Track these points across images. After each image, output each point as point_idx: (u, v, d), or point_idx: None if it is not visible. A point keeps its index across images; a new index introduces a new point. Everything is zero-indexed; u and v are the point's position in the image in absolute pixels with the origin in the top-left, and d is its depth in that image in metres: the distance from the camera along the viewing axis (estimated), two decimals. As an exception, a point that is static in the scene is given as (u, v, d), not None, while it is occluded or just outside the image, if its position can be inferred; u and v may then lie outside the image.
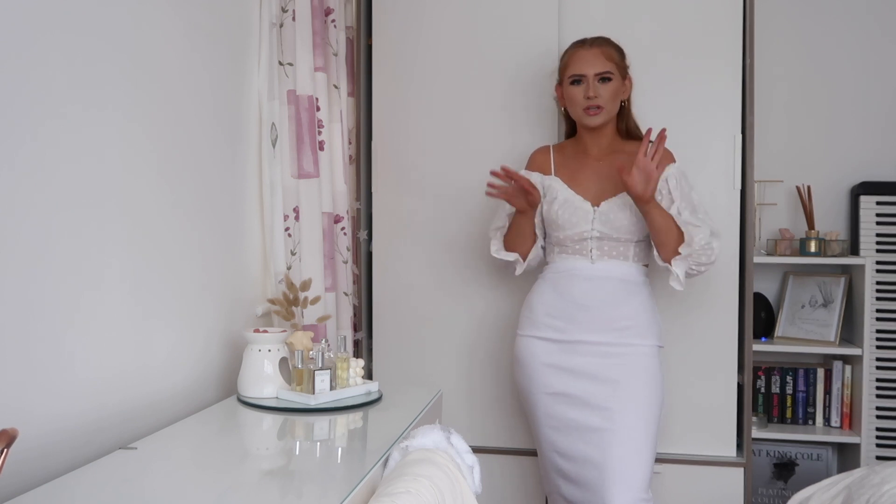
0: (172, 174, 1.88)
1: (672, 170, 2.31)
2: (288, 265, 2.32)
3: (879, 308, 2.99)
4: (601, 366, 2.27)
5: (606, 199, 2.33)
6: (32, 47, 1.41)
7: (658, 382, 2.29)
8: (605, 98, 2.31)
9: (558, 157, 2.45)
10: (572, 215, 2.33)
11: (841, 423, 3.05)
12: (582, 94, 2.32)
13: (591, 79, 2.31)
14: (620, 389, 2.24)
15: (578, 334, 2.30)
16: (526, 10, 2.73)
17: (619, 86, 2.34)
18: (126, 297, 1.70)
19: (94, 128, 1.58)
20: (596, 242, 2.32)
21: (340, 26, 2.62)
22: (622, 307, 2.30)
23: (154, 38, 1.79)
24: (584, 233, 2.32)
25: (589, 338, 2.29)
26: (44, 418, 1.46)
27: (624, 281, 2.31)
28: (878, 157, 3.20)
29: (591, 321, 2.29)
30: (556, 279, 2.37)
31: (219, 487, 1.39)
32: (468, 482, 1.53)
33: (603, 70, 2.31)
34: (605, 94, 2.31)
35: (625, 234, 2.31)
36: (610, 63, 2.32)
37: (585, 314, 2.30)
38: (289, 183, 2.33)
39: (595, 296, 2.31)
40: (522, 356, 2.38)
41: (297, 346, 2.04)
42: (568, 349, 2.31)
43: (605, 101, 2.31)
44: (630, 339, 2.28)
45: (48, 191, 1.46)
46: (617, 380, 2.25)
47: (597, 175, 2.37)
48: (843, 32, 3.21)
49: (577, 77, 2.33)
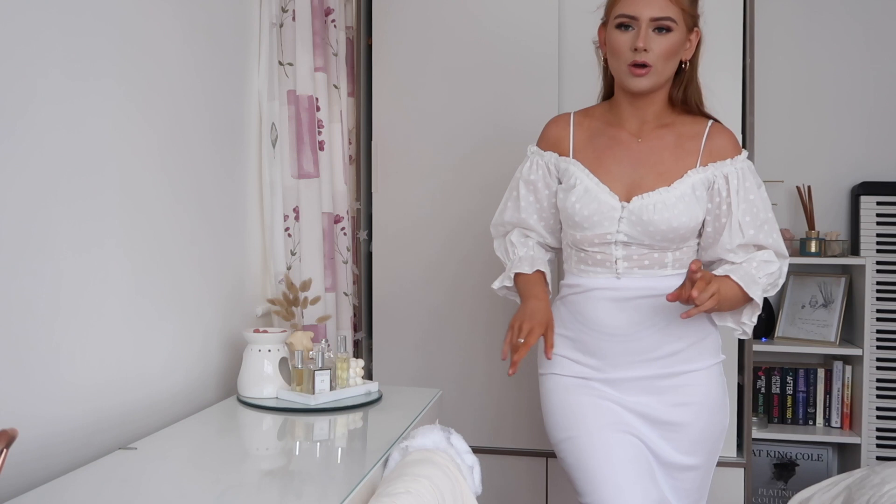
0: (172, 174, 1.87)
1: (732, 166, 1.79)
2: (288, 265, 2.32)
3: (880, 308, 2.98)
4: (655, 407, 1.80)
5: (640, 194, 1.79)
6: (31, 46, 1.41)
7: (726, 408, 1.88)
8: (657, 54, 1.74)
9: (580, 131, 1.89)
10: (593, 212, 1.79)
11: (841, 424, 3.05)
12: (628, 44, 1.75)
13: (644, 24, 1.74)
14: (689, 434, 1.80)
15: (615, 371, 1.81)
16: (526, 9, 2.72)
17: (681, 40, 1.77)
18: (126, 297, 1.69)
19: (93, 126, 1.58)
20: (622, 250, 1.79)
21: (340, 26, 2.62)
22: (664, 328, 1.79)
23: (154, 38, 1.79)
24: (606, 236, 1.79)
25: (629, 373, 1.81)
26: (43, 418, 1.46)
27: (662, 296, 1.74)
28: (878, 157, 3.20)
29: (630, 353, 1.80)
30: (574, 302, 1.86)
31: (219, 488, 1.39)
32: (468, 482, 1.53)
33: (662, 15, 1.73)
34: (658, 49, 1.74)
35: (660, 242, 1.78)
36: (674, 7, 1.74)
37: (620, 346, 1.80)
38: (289, 183, 2.33)
39: (628, 322, 1.80)
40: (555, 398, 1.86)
41: (297, 347, 2.03)
42: (608, 390, 1.82)
43: (658, 57, 1.74)
44: (681, 366, 1.80)
45: (48, 191, 1.46)
46: (680, 423, 1.80)
47: (632, 159, 1.82)
48: (844, 33, 3.21)
49: (627, 20, 1.76)
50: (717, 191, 1.79)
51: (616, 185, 1.81)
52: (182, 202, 1.92)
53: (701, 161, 1.80)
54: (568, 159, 1.87)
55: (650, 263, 1.80)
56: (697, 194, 1.78)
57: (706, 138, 1.82)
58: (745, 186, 1.78)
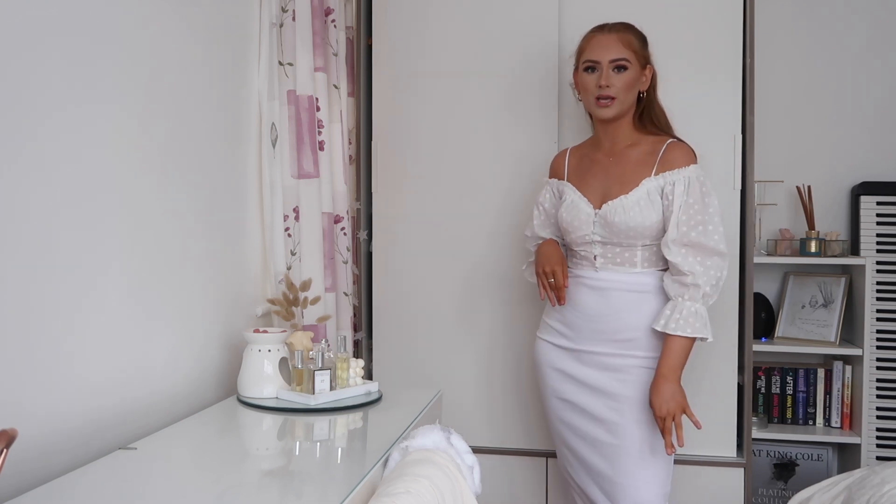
0: (173, 174, 1.88)
1: (680, 174, 2.14)
2: (288, 265, 2.32)
3: (880, 308, 2.98)
4: (604, 378, 2.19)
5: (608, 201, 2.18)
6: (33, 49, 1.41)
7: None
8: (618, 88, 2.16)
9: (573, 159, 2.34)
10: (574, 218, 2.21)
11: (841, 424, 3.05)
12: (594, 83, 2.18)
13: (605, 66, 2.16)
14: (623, 404, 2.16)
15: (584, 344, 2.22)
16: (526, 9, 2.73)
17: (635, 76, 2.18)
18: (126, 298, 1.70)
19: (94, 128, 1.58)
20: (599, 248, 2.20)
21: (340, 26, 2.62)
22: (625, 318, 2.17)
23: (154, 39, 1.79)
24: (585, 236, 2.20)
25: (593, 348, 2.21)
26: (43, 418, 1.46)
27: (631, 291, 2.17)
28: (878, 157, 3.20)
29: (596, 332, 2.20)
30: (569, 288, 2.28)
31: (219, 488, 1.39)
32: (468, 482, 1.53)
33: (618, 57, 2.16)
34: (618, 84, 2.16)
35: (626, 240, 2.16)
36: (627, 50, 2.17)
37: (590, 325, 2.21)
38: (289, 183, 2.33)
39: (599, 306, 2.20)
40: (536, 358, 2.35)
41: (297, 347, 2.04)
42: (575, 357, 2.24)
43: (619, 91, 2.16)
44: (632, 351, 2.16)
45: (48, 192, 1.46)
46: (619, 394, 2.17)
47: (604, 174, 2.23)
48: (843, 32, 3.21)
49: (591, 64, 2.19)
50: (665, 195, 2.14)
51: (592, 195, 2.24)
52: (182, 202, 1.92)
53: (655, 171, 2.16)
54: (564, 182, 2.33)
55: (622, 261, 2.19)
56: (651, 199, 2.14)
57: (663, 153, 2.18)
58: (689, 192, 2.11)
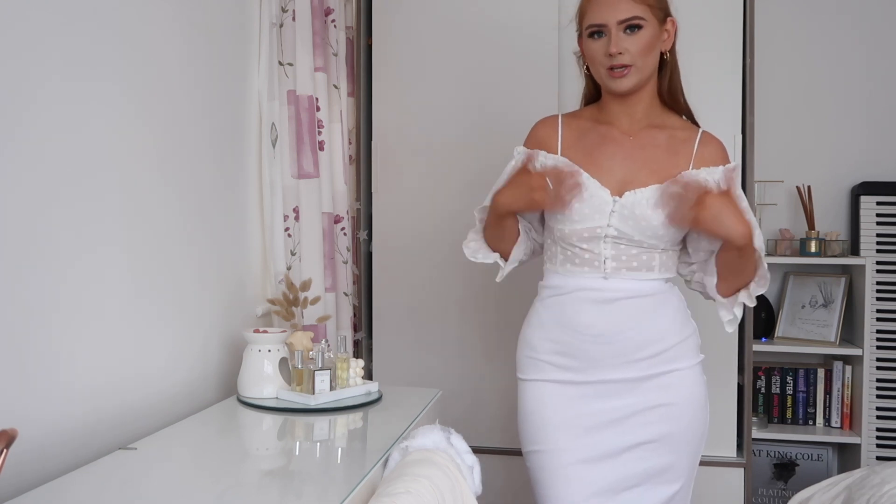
0: (172, 174, 1.87)
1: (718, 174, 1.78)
2: (288, 265, 2.32)
3: (880, 308, 2.98)
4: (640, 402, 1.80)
5: (633, 189, 1.77)
6: (32, 48, 1.41)
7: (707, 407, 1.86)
8: (633, 53, 1.74)
9: (569, 131, 1.87)
10: (584, 204, 1.76)
11: (841, 424, 3.05)
12: (602, 51, 1.76)
13: (613, 29, 1.74)
14: (671, 437, 1.79)
15: (598, 373, 1.79)
16: (526, 9, 2.72)
17: (654, 34, 1.76)
18: (126, 297, 1.69)
19: (93, 127, 1.58)
20: (611, 247, 1.77)
21: (340, 26, 2.62)
22: (648, 329, 1.78)
23: (154, 39, 1.79)
24: (596, 230, 1.76)
25: (612, 376, 1.79)
26: (43, 418, 1.46)
27: (646, 296, 1.79)
28: (878, 157, 3.20)
29: (612, 354, 1.78)
30: (558, 304, 1.83)
31: (219, 488, 1.39)
32: (468, 482, 1.53)
33: (629, 16, 1.73)
34: (633, 48, 1.74)
35: (650, 239, 1.76)
36: (640, 5, 1.74)
37: (602, 347, 1.78)
38: (289, 183, 2.33)
39: (607, 324, 1.78)
40: (530, 407, 1.85)
41: (297, 347, 2.03)
42: (589, 393, 1.80)
43: (635, 56, 1.74)
44: (667, 365, 1.79)
45: (48, 193, 1.46)
46: (660, 436, 1.80)
47: (623, 155, 1.81)
48: (843, 33, 3.21)
49: (597, 28, 1.76)
50: None
51: (607, 179, 1.78)
52: (182, 202, 1.92)
53: (693, 164, 1.80)
54: (557, 157, 1.83)
55: (638, 265, 1.78)
56: None
57: (698, 144, 1.82)
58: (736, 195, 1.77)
